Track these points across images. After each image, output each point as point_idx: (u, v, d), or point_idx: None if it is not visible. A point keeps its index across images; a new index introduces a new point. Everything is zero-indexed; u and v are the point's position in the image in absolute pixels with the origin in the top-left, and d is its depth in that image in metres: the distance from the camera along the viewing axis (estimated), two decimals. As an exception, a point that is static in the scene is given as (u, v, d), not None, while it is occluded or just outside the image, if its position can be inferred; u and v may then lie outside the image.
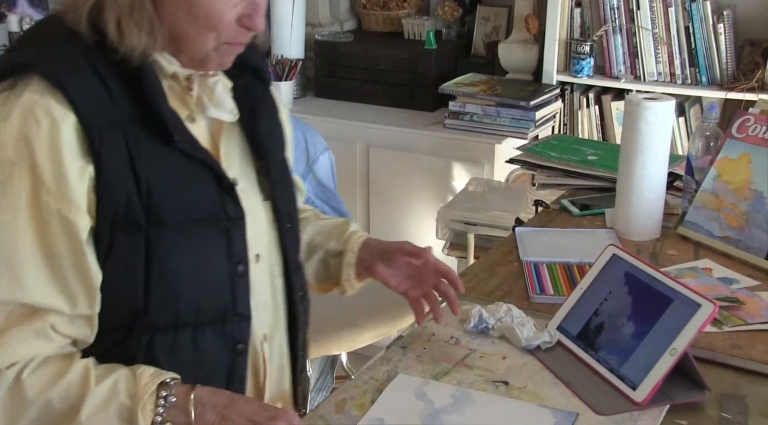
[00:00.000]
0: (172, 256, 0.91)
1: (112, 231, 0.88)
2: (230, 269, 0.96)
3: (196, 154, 0.94)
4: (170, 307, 0.92)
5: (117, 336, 0.93)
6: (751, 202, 1.44)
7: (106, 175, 0.87)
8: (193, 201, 0.93)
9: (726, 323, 1.19)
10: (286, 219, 1.07)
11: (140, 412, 0.86)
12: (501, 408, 1.01)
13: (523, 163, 1.94)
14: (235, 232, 0.97)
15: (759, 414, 1.01)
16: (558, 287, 1.33)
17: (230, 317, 0.97)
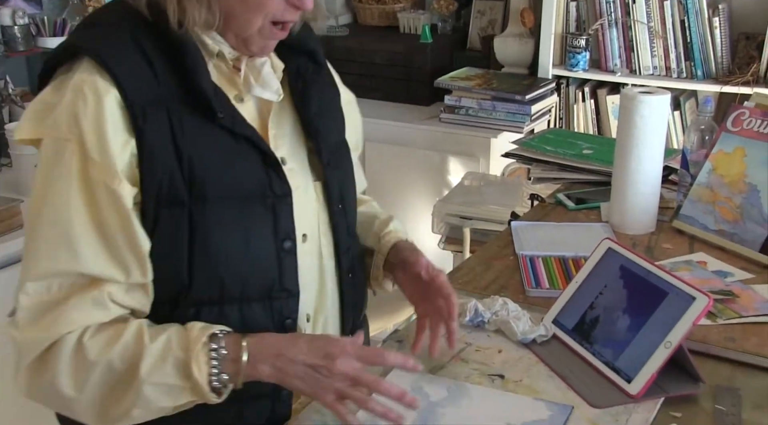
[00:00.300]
0: (215, 232, 0.93)
1: (157, 206, 0.90)
2: (276, 245, 0.98)
3: (241, 131, 0.95)
4: (215, 282, 0.94)
5: (164, 310, 0.95)
6: (746, 196, 1.45)
7: (149, 151, 0.89)
8: (237, 177, 0.95)
9: (720, 316, 1.20)
10: (337, 200, 1.08)
11: (194, 363, 0.88)
12: (497, 401, 1.01)
13: (519, 157, 1.95)
14: (282, 209, 0.98)
15: (753, 406, 1.01)
16: (553, 281, 1.33)
17: (277, 293, 0.98)
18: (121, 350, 0.89)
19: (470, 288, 1.32)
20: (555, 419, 0.96)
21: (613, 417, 0.98)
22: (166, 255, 0.92)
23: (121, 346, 0.89)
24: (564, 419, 0.96)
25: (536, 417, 0.97)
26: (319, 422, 0.97)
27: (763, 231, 1.40)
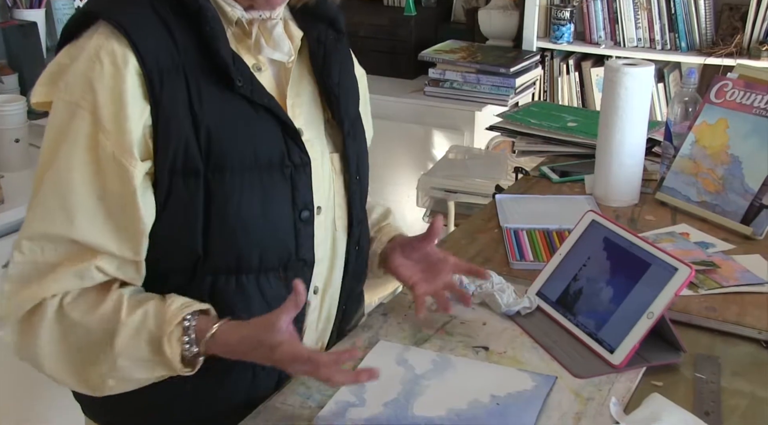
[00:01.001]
0: (233, 202, 0.92)
1: (171, 176, 0.89)
2: (294, 215, 0.97)
3: (260, 99, 0.94)
4: (232, 252, 0.94)
5: (180, 279, 0.94)
6: (728, 167, 1.46)
7: (165, 119, 0.88)
8: (256, 147, 0.94)
9: (702, 286, 1.21)
10: (355, 171, 1.07)
11: (166, 342, 0.88)
12: (481, 372, 1.02)
13: (503, 130, 1.95)
14: (300, 179, 0.97)
15: (731, 374, 1.03)
16: (538, 253, 1.34)
17: (293, 263, 0.98)
18: (98, 320, 0.89)
19: (455, 261, 1.33)
20: (539, 389, 0.97)
21: (596, 386, 0.99)
22: (181, 226, 0.91)
23: (99, 316, 0.89)
24: (547, 389, 0.97)
25: (520, 388, 0.98)
26: (304, 393, 0.97)
27: (744, 203, 1.41)
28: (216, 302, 0.94)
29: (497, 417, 0.92)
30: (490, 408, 0.94)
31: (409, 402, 0.95)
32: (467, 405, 0.95)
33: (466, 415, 0.93)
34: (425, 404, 0.95)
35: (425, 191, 2.36)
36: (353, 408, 0.94)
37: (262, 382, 1.00)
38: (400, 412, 0.93)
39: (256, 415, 0.94)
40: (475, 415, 0.93)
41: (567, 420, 0.92)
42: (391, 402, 0.95)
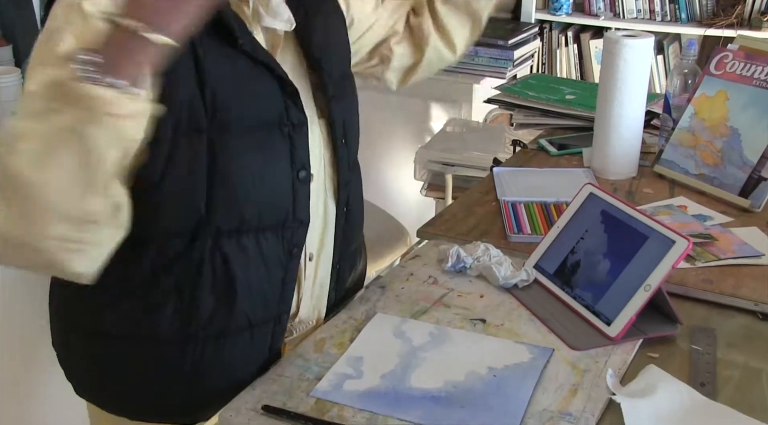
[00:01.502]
0: (234, 159, 0.92)
1: (175, 134, 0.89)
2: (293, 174, 0.98)
3: (262, 57, 0.94)
4: (234, 211, 0.94)
5: (180, 243, 0.94)
6: (727, 140, 1.45)
7: (171, 78, 0.86)
8: (257, 105, 0.94)
9: (699, 259, 1.21)
10: (340, 135, 1.07)
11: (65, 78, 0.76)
12: (478, 345, 1.02)
13: (501, 102, 1.94)
14: (298, 138, 0.98)
15: (726, 345, 1.04)
16: (535, 226, 1.34)
17: (290, 223, 0.99)
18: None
19: (452, 234, 1.33)
20: (535, 361, 0.98)
21: (592, 358, 0.99)
22: (184, 184, 0.91)
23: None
24: (544, 361, 0.98)
25: (517, 360, 0.98)
26: (302, 366, 0.98)
27: (742, 175, 1.41)
28: (217, 264, 0.95)
29: (494, 389, 0.93)
30: (487, 380, 0.94)
31: (406, 373, 0.96)
32: (464, 376, 0.95)
33: (463, 386, 0.93)
34: (422, 376, 0.95)
35: (423, 164, 2.35)
36: (350, 380, 0.95)
37: (258, 357, 1.01)
38: (397, 384, 0.94)
39: (253, 388, 0.94)
40: (472, 387, 0.93)
41: (563, 391, 0.93)
42: (389, 374, 0.96)
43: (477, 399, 0.91)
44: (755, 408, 0.91)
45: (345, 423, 0.87)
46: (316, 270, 1.07)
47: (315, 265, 1.07)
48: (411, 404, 0.90)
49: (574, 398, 0.91)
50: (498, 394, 0.92)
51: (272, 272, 0.99)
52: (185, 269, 0.95)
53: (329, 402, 0.91)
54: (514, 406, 0.90)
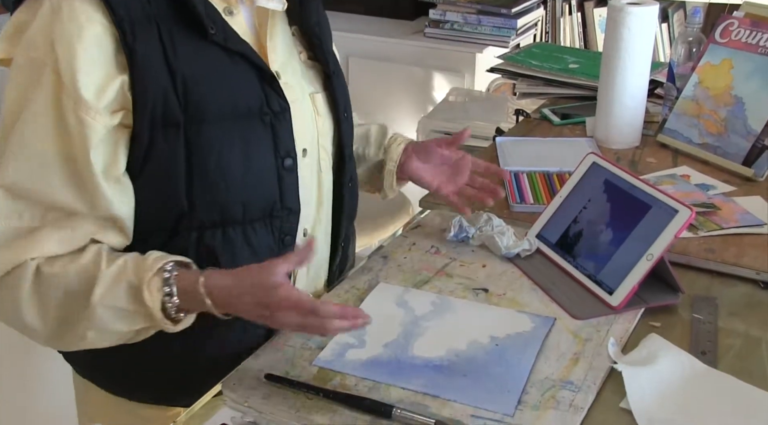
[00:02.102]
0: (213, 153, 0.91)
1: (151, 129, 0.88)
2: (277, 164, 0.96)
3: (235, 46, 0.92)
4: (216, 205, 0.93)
5: (163, 237, 0.94)
6: (731, 109, 1.44)
7: (140, 70, 0.86)
8: (233, 95, 0.92)
9: (701, 228, 1.21)
10: (343, 109, 1.07)
11: (146, 289, 0.87)
12: (480, 314, 1.03)
13: (504, 71, 1.92)
14: (281, 126, 0.96)
15: (728, 314, 1.04)
16: (538, 196, 1.34)
17: (278, 212, 0.98)
18: (76, 271, 0.88)
19: (455, 204, 1.33)
20: (537, 331, 0.98)
21: (594, 328, 1.00)
22: (163, 180, 0.90)
23: (78, 268, 0.88)
24: (546, 330, 0.98)
25: (519, 330, 0.99)
26: (305, 335, 0.98)
27: (746, 144, 1.40)
28: (202, 257, 0.94)
29: (496, 358, 0.93)
30: (489, 349, 0.95)
31: (408, 342, 0.97)
32: (466, 345, 0.96)
33: (465, 355, 0.94)
34: (425, 344, 0.96)
35: (425, 134, 2.34)
36: (353, 349, 0.95)
37: (251, 337, 1.00)
38: (400, 353, 0.95)
39: (256, 357, 0.95)
40: (474, 355, 0.94)
41: (565, 360, 0.93)
42: (391, 343, 0.96)
43: (479, 367, 0.92)
44: (755, 375, 0.92)
45: (347, 391, 0.88)
46: None
47: None
48: (413, 372, 0.91)
49: (576, 367, 0.92)
50: (500, 363, 0.92)
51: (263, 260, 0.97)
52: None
53: (332, 371, 0.92)
54: (516, 374, 0.90)
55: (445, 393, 0.87)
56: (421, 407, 0.86)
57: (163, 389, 1.04)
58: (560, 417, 0.84)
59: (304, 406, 0.86)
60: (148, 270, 0.87)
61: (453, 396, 0.87)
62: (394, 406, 0.83)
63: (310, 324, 0.85)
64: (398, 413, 0.83)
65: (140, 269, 0.88)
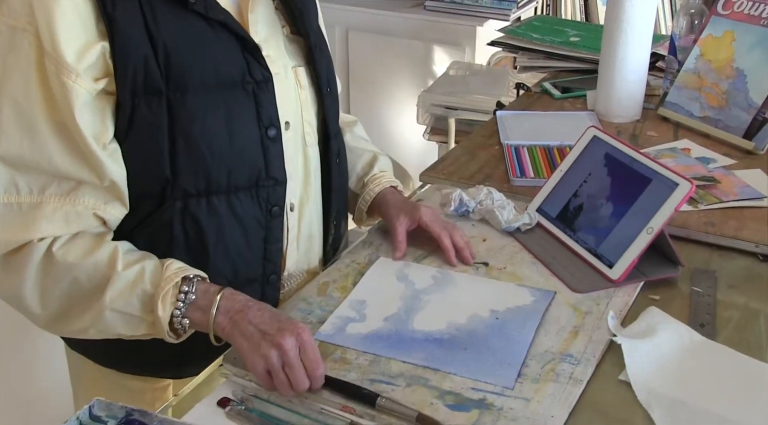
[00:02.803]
0: (197, 121, 0.91)
1: (133, 98, 0.88)
2: (261, 133, 0.96)
3: (216, 15, 0.92)
4: (201, 174, 0.93)
5: (149, 205, 0.94)
6: (733, 81, 1.44)
7: (121, 38, 0.86)
8: (215, 64, 0.92)
9: (701, 201, 1.21)
10: (326, 84, 1.06)
11: (160, 301, 0.88)
12: (481, 288, 1.03)
13: (505, 45, 1.91)
14: (264, 95, 0.96)
15: (727, 287, 1.05)
16: (538, 170, 1.34)
17: (264, 182, 0.98)
18: (91, 268, 0.88)
19: (455, 178, 1.33)
20: (537, 304, 0.99)
21: (594, 301, 1.00)
22: (147, 149, 0.91)
23: (92, 264, 0.89)
24: (546, 304, 0.99)
25: (519, 303, 0.99)
26: (305, 309, 0.99)
27: (747, 117, 1.40)
28: (188, 225, 0.94)
29: (496, 331, 0.94)
30: (489, 322, 0.96)
31: (409, 316, 0.97)
32: (466, 319, 0.96)
33: (465, 329, 0.94)
34: (425, 318, 0.97)
35: (425, 108, 2.34)
36: (353, 323, 0.96)
37: (267, 295, 1.01)
38: (400, 327, 0.95)
39: (259, 330, 0.95)
40: (474, 329, 0.94)
41: (564, 333, 0.94)
42: (392, 317, 0.97)
43: (479, 341, 0.93)
44: (753, 347, 0.92)
45: (347, 364, 0.89)
46: (300, 221, 1.06)
47: (298, 216, 1.06)
48: (413, 346, 0.92)
49: (576, 340, 0.93)
50: (500, 336, 0.93)
51: (250, 232, 0.98)
52: (156, 230, 0.94)
53: (332, 344, 0.92)
54: (516, 348, 0.91)
55: (446, 367, 0.88)
56: (422, 380, 0.86)
57: (153, 361, 1.05)
58: (560, 390, 0.85)
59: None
60: (166, 281, 0.88)
61: (453, 369, 0.88)
62: (378, 395, 0.83)
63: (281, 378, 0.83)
64: (382, 402, 0.82)
65: (158, 279, 0.89)
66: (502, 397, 0.84)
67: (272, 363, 0.82)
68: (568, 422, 0.81)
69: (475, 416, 0.81)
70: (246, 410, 0.83)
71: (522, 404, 0.83)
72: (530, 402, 0.83)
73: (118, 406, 0.77)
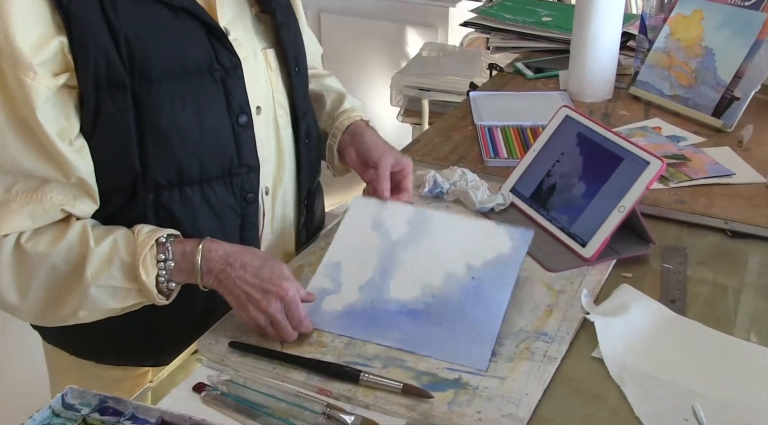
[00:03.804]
0: (165, 112, 0.89)
1: (97, 92, 0.86)
2: (231, 120, 0.95)
3: (178, 2, 0.89)
4: (172, 165, 0.92)
5: (120, 198, 0.93)
6: (702, 60, 1.45)
7: (79, 31, 0.84)
8: (180, 53, 0.90)
9: (672, 179, 1.23)
10: (293, 63, 1.05)
11: (141, 268, 0.87)
12: (458, 231, 1.02)
13: (478, 25, 1.91)
14: (233, 82, 0.94)
15: (697, 263, 1.06)
16: (512, 150, 1.34)
17: (237, 169, 0.97)
18: (65, 251, 0.87)
19: (429, 159, 1.33)
20: (516, 252, 0.98)
21: (567, 280, 1.01)
22: (114, 143, 0.89)
23: (65, 247, 0.87)
24: (525, 250, 0.98)
25: (497, 251, 0.98)
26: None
27: (716, 95, 1.41)
28: (162, 217, 0.93)
29: (472, 296, 0.94)
30: (465, 284, 0.95)
31: (384, 282, 0.97)
32: (442, 281, 0.96)
33: (440, 295, 0.94)
34: (400, 284, 0.97)
35: (399, 90, 2.33)
36: (329, 296, 0.96)
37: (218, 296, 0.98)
38: (375, 296, 0.95)
39: (232, 316, 0.94)
40: (449, 294, 0.94)
41: (538, 312, 0.95)
42: (367, 284, 0.97)
43: (454, 311, 0.92)
44: (721, 321, 0.94)
45: (323, 347, 0.89)
46: (274, 204, 1.06)
47: (272, 199, 1.05)
48: (388, 323, 0.92)
49: (550, 318, 0.93)
50: (476, 303, 0.93)
51: (226, 221, 0.98)
52: (129, 223, 0.92)
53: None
54: (490, 319, 0.91)
55: (421, 349, 0.88)
56: (397, 362, 0.87)
57: (130, 350, 1.05)
58: (534, 368, 0.85)
59: (281, 364, 0.87)
60: (141, 247, 0.87)
61: (428, 351, 0.88)
62: (361, 371, 0.83)
63: (284, 327, 0.88)
64: (366, 378, 0.83)
65: (132, 247, 0.88)
66: (478, 376, 0.84)
67: (261, 323, 0.88)
68: (542, 399, 0.82)
69: (451, 395, 0.82)
70: (222, 395, 0.83)
71: (497, 383, 0.83)
72: (505, 380, 0.84)
73: (92, 394, 0.76)
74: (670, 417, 0.79)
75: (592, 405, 0.82)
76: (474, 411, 0.79)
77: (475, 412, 0.79)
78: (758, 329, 0.93)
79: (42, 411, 0.75)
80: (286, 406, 0.80)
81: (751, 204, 1.16)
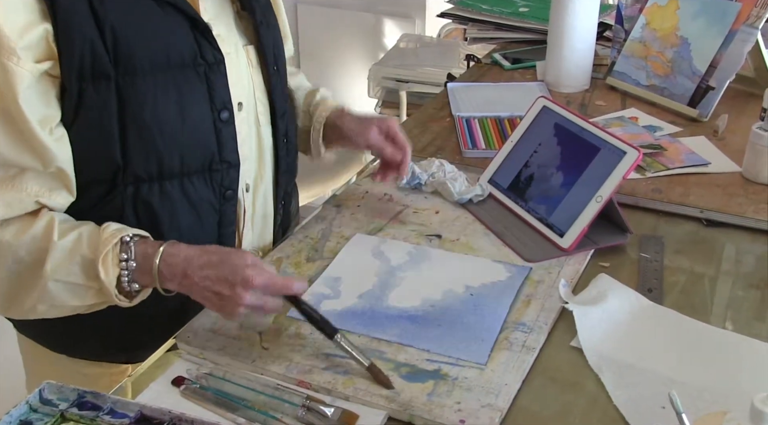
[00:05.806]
0: (147, 105, 0.88)
1: (80, 81, 0.85)
2: (213, 116, 0.94)
3: None
4: (152, 158, 0.91)
5: (99, 191, 0.91)
6: (677, 49, 1.46)
7: (65, 21, 0.83)
8: (164, 46, 0.89)
9: (649, 169, 1.24)
10: (272, 62, 1.04)
11: (101, 265, 0.85)
12: (456, 264, 1.03)
13: (455, 16, 1.91)
14: (215, 77, 0.94)
15: (673, 252, 1.07)
16: (489, 141, 1.34)
17: (217, 165, 0.96)
18: (29, 242, 0.86)
19: (407, 151, 1.33)
20: (513, 280, 0.99)
21: (545, 270, 1.02)
22: (96, 134, 0.88)
23: (30, 238, 0.86)
24: (522, 279, 0.99)
25: (495, 279, 0.99)
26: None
27: (691, 85, 1.42)
28: (140, 211, 0.92)
29: (471, 307, 0.94)
30: (464, 298, 0.95)
31: (384, 293, 0.97)
32: (441, 295, 0.96)
33: (440, 305, 0.94)
34: (400, 295, 0.96)
35: (376, 81, 2.33)
36: (328, 300, 0.95)
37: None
38: (375, 303, 0.95)
39: (213, 308, 0.94)
40: (449, 305, 0.94)
41: (517, 303, 0.95)
42: (366, 293, 0.96)
43: (454, 317, 0.92)
44: (698, 309, 0.95)
45: (303, 341, 0.89)
46: (254, 201, 1.05)
47: (252, 196, 1.05)
48: (388, 323, 0.91)
49: (528, 308, 0.94)
50: (475, 312, 0.93)
51: (204, 216, 0.97)
52: (106, 215, 0.91)
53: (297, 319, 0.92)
54: (490, 324, 0.91)
55: (419, 343, 0.88)
56: (377, 353, 0.86)
57: (105, 346, 1.04)
58: (513, 358, 0.86)
59: (260, 357, 0.86)
60: (104, 244, 0.86)
61: (426, 345, 0.88)
62: (338, 330, 0.83)
63: (268, 303, 0.84)
64: (339, 339, 0.83)
65: (96, 242, 0.86)
66: (457, 367, 0.84)
67: (242, 315, 0.85)
68: (521, 389, 0.82)
69: (431, 386, 0.82)
70: (201, 388, 0.82)
71: (476, 373, 0.83)
72: (484, 371, 0.84)
73: (70, 389, 0.76)
74: (648, 404, 0.80)
75: (571, 394, 0.82)
76: (453, 402, 0.80)
77: (455, 403, 0.79)
78: (734, 317, 0.94)
79: (19, 406, 0.74)
80: (265, 399, 0.80)
81: (727, 193, 1.18)
